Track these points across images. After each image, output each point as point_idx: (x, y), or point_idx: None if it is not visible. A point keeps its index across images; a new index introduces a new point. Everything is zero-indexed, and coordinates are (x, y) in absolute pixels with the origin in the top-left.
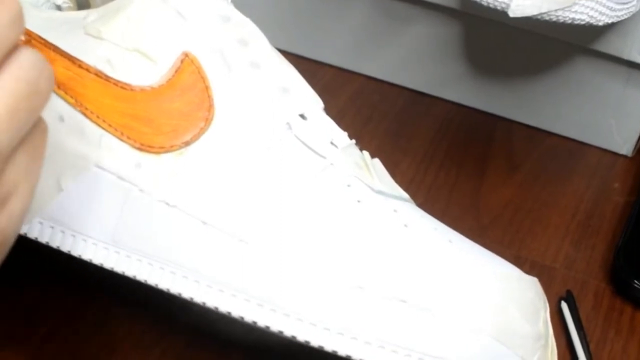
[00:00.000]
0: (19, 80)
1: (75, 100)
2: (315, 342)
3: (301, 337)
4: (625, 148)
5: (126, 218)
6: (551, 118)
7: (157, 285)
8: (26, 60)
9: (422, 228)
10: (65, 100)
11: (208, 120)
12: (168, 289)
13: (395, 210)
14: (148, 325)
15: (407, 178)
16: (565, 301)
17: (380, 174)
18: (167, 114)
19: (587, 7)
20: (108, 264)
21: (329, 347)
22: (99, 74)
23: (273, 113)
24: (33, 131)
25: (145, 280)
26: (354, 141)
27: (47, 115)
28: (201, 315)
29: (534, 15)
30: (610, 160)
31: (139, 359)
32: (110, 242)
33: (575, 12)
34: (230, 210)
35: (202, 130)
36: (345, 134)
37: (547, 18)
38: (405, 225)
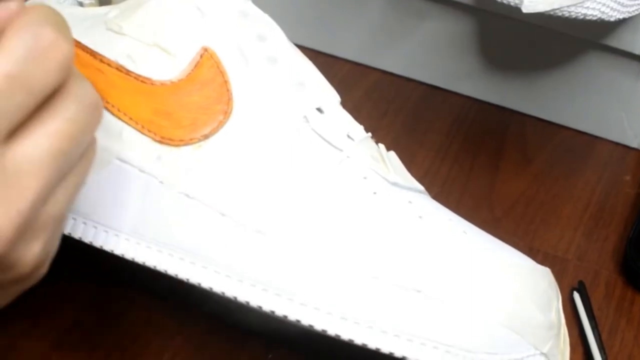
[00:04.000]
0: (64, 122)
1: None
2: (331, 331)
3: (318, 326)
4: (636, 141)
5: (147, 210)
6: (564, 112)
7: (177, 275)
8: (73, 99)
9: (436, 219)
10: None
11: (227, 114)
12: (188, 279)
13: (410, 202)
14: (169, 314)
15: (422, 171)
16: (578, 291)
17: (396, 167)
18: (186, 107)
19: (599, 3)
20: (129, 255)
21: (345, 335)
22: (120, 69)
23: (290, 107)
24: (78, 163)
25: (166, 271)
26: (370, 134)
27: None
28: (220, 305)
29: (547, 11)
30: (621, 153)
31: (160, 347)
32: (131, 233)
33: (587, 8)
34: (249, 202)
35: (221, 124)
36: (361, 127)
37: (559, 14)
38: (420, 217)
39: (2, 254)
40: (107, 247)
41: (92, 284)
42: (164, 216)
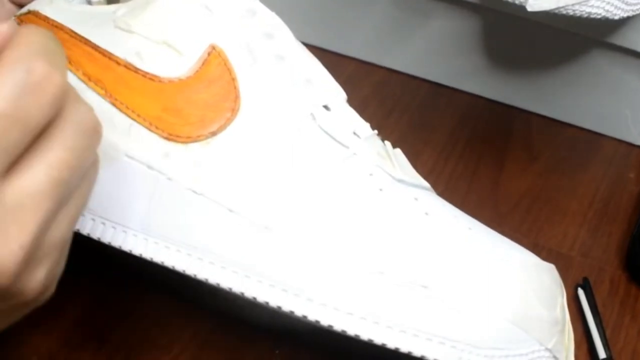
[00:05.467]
0: (63, 150)
1: (105, 92)
2: (338, 326)
3: (324, 322)
4: None
5: (155, 206)
6: (568, 110)
7: (184, 271)
8: (70, 126)
9: (442, 216)
10: (95, 92)
11: (234, 111)
12: (195, 275)
13: (416, 199)
14: (176, 311)
15: (427, 168)
16: (582, 288)
17: (402, 164)
18: (194, 104)
19: (603, 1)
20: (137, 251)
21: (351, 331)
22: (128, 66)
23: (297, 104)
24: (79, 185)
25: (173, 267)
26: (376, 131)
27: None
28: (228, 301)
29: (552, 10)
30: (625, 151)
31: (168, 343)
32: (139, 229)
33: (592, 6)
34: (256, 198)
35: (229, 121)
36: (367, 125)
37: (564, 12)
38: (426, 213)
39: (6, 287)
40: (116, 244)
41: (101, 280)
42: (172, 212)
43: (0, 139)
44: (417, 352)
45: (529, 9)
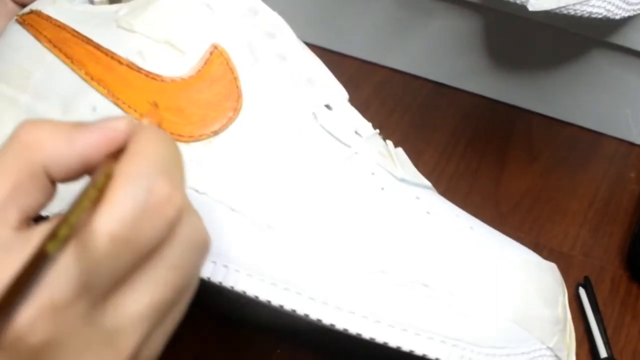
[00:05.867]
0: (169, 270)
1: (108, 91)
2: (340, 325)
3: (326, 320)
4: None
5: None
6: (569, 109)
7: None
8: (180, 243)
9: (444, 215)
10: (98, 91)
11: (236, 110)
12: None
13: (417, 198)
14: None
15: (429, 167)
16: (583, 287)
17: (404, 163)
18: (196, 104)
19: (604, 1)
20: None
21: (353, 329)
22: (130, 66)
23: (299, 103)
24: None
25: None
26: (377, 131)
27: (81, 105)
28: (229, 300)
29: (553, 10)
30: (626, 150)
31: (170, 341)
32: None
33: (593, 6)
34: (258, 197)
35: (231, 120)
36: (369, 124)
37: (565, 12)
38: (428, 212)
39: None
40: None
41: None
42: None
43: (110, 263)
44: (418, 351)
45: (530, 8)
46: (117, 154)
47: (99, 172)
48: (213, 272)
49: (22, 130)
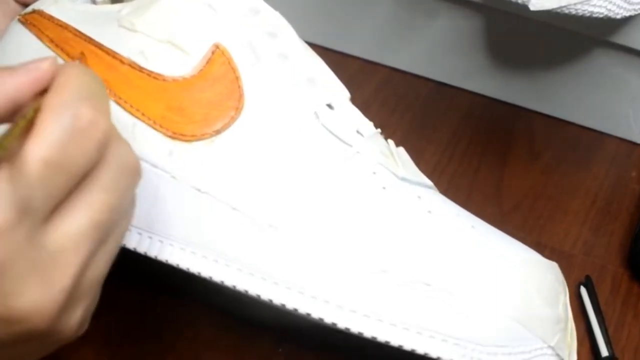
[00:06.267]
0: (103, 192)
1: (110, 90)
2: (341, 324)
3: (328, 319)
4: None
5: (159, 204)
6: (571, 108)
7: (188, 269)
8: (111, 167)
9: (445, 214)
10: None
11: (238, 110)
12: (199, 272)
13: (419, 197)
14: (181, 308)
15: (430, 166)
16: (584, 286)
17: (405, 162)
18: (198, 103)
19: (606, 0)
20: (141, 249)
21: (355, 329)
22: (132, 65)
23: (301, 103)
24: (118, 224)
25: (177, 265)
26: (379, 130)
27: None
28: (231, 299)
29: (554, 9)
30: (627, 150)
31: (171, 341)
32: (144, 227)
33: (594, 5)
34: (260, 196)
35: (233, 119)
36: (370, 123)
37: (566, 11)
38: (429, 211)
39: (45, 329)
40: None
41: (107, 280)
42: (176, 211)
43: (45, 186)
44: (420, 350)
45: (532, 8)
46: (44, 92)
47: (28, 107)
48: (215, 271)
49: None
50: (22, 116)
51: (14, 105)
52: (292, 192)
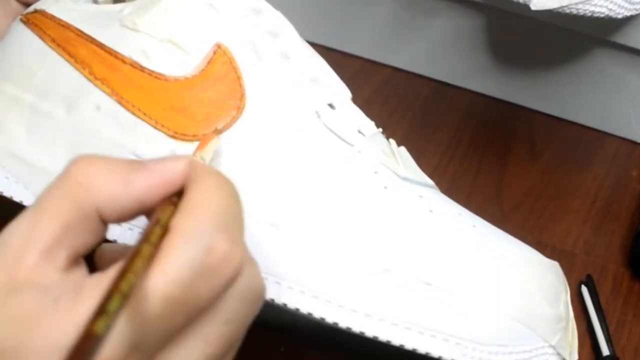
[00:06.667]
0: (222, 325)
1: (112, 90)
2: (343, 324)
3: (330, 319)
4: None
5: None
6: (571, 108)
7: None
8: (235, 297)
9: (446, 213)
10: (102, 90)
11: (240, 109)
12: None
13: (420, 196)
14: None
15: (431, 166)
16: (585, 285)
17: (406, 162)
18: (200, 103)
19: (607, 0)
20: None
21: (356, 328)
22: (134, 65)
23: (302, 102)
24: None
25: None
26: (380, 130)
27: (84, 104)
28: None
29: (555, 9)
30: (628, 149)
31: None
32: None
33: (595, 5)
34: (262, 195)
35: (234, 119)
36: (372, 123)
37: (567, 11)
38: (431, 211)
39: None
40: (123, 241)
41: None
42: None
43: (162, 323)
44: (421, 349)
45: (533, 7)
46: (174, 196)
47: (153, 221)
48: None
49: (76, 167)
50: (147, 240)
51: (139, 207)
52: (293, 192)
